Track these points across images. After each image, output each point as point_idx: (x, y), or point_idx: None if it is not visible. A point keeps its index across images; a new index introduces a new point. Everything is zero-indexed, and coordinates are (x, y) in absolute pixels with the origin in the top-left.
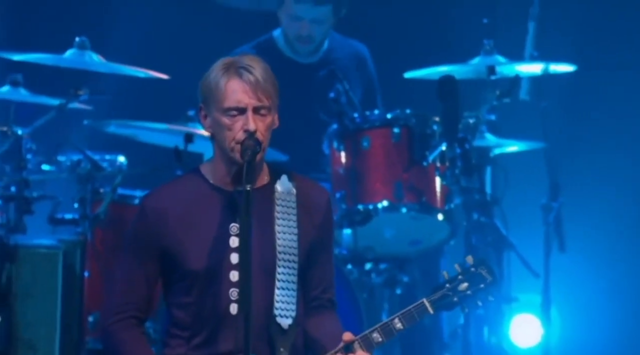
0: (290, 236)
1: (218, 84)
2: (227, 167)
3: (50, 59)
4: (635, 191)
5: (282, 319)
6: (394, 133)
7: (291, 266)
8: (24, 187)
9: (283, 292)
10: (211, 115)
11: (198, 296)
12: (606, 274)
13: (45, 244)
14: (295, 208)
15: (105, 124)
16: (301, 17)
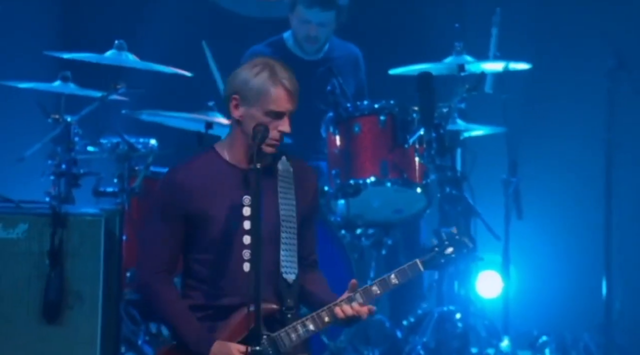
0: (290, 207)
1: (266, 89)
2: (246, 150)
3: (94, 58)
4: (581, 168)
5: (287, 275)
6: (381, 120)
7: (292, 231)
8: (72, 165)
9: (287, 253)
10: (247, 109)
11: (216, 255)
12: (556, 237)
13: (90, 212)
14: (292, 183)
15: (139, 113)
16: (310, 21)
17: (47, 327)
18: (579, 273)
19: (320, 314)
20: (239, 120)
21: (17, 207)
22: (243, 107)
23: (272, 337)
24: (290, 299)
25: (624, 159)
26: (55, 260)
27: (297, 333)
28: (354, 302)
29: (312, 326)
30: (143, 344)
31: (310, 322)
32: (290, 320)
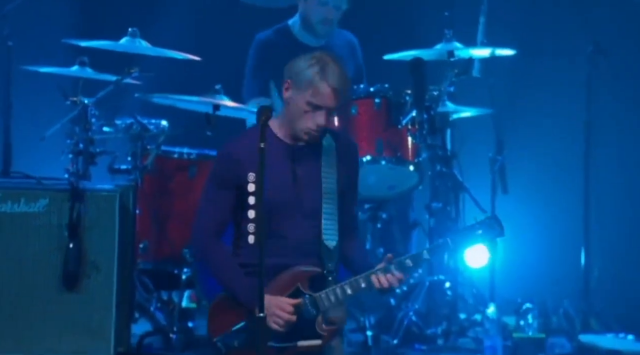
0: (332, 180)
1: (313, 81)
2: (294, 130)
3: (109, 45)
4: (562, 147)
5: (328, 242)
6: (376, 102)
7: (333, 202)
8: (89, 144)
9: (328, 222)
10: (294, 94)
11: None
12: (538, 210)
13: (105, 188)
14: (335, 158)
15: (151, 96)
16: (327, 3)
17: (67, 294)
18: (560, 244)
19: (358, 280)
20: (287, 101)
21: (38, 183)
22: (291, 91)
23: (313, 297)
24: (330, 263)
25: (601, 138)
26: (74, 232)
27: (336, 295)
28: (389, 273)
29: (349, 290)
30: (155, 310)
31: (348, 287)
32: (330, 282)
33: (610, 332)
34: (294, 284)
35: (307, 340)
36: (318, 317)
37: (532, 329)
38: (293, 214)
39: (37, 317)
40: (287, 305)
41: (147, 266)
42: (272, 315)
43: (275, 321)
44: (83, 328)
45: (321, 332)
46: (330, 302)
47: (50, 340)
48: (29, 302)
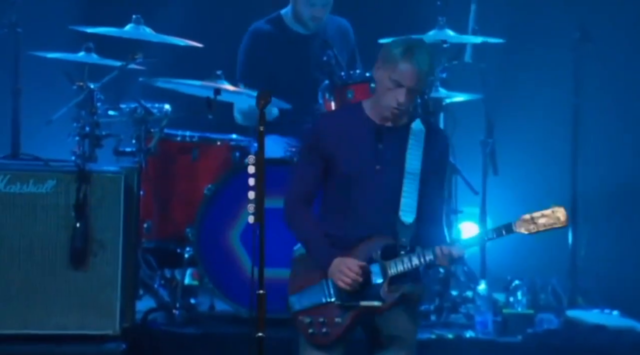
0: (416, 162)
1: (397, 59)
2: (380, 109)
3: (114, 32)
4: (551, 130)
5: (404, 218)
6: (371, 87)
7: (414, 182)
8: (95, 128)
9: (406, 200)
10: (381, 73)
11: (346, 193)
12: (527, 191)
13: (111, 170)
14: (422, 142)
15: (155, 81)
16: (316, 4)
17: (74, 271)
18: None
19: (425, 251)
20: (376, 80)
21: (46, 165)
22: (380, 70)
23: (383, 264)
24: (404, 237)
25: (588, 121)
26: (80, 212)
27: (403, 265)
28: (452, 248)
29: (416, 261)
30: (159, 287)
31: (415, 258)
32: (402, 254)
33: (595, 308)
34: (367, 252)
35: (369, 301)
36: (384, 283)
37: (521, 305)
38: (372, 188)
39: (45, 294)
40: (354, 266)
41: (151, 245)
42: (340, 273)
43: (342, 279)
44: (90, 304)
45: (384, 297)
46: (397, 270)
47: (58, 316)
48: (38, 279)
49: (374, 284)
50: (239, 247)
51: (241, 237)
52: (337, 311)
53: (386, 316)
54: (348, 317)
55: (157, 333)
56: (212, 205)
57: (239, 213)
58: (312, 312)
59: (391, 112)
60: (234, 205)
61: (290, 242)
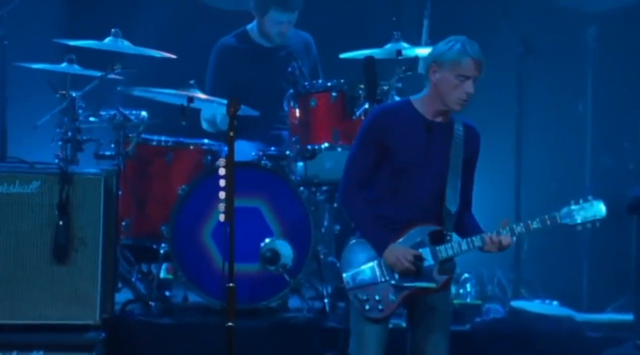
0: (459, 157)
1: (458, 57)
2: (435, 105)
3: (95, 44)
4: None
5: (450, 206)
6: (333, 96)
7: (457, 175)
8: (77, 133)
9: (450, 190)
10: (443, 74)
11: (397, 181)
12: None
13: (91, 172)
14: (463, 141)
15: (132, 89)
16: (282, 22)
17: (57, 266)
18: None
19: (473, 238)
20: (435, 83)
21: (31, 167)
22: (439, 73)
23: (434, 249)
24: (449, 224)
25: (530, 127)
26: (63, 211)
27: (453, 249)
28: (501, 236)
29: (465, 246)
30: (136, 280)
31: (465, 244)
32: (448, 240)
33: (537, 299)
34: (419, 237)
35: (423, 282)
36: (435, 266)
37: (470, 296)
38: (422, 176)
39: (30, 287)
40: (408, 255)
41: (129, 241)
42: (396, 259)
43: (397, 266)
44: (71, 296)
45: (436, 279)
46: (447, 255)
47: (42, 308)
48: (23, 273)
49: (425, 266)
50: (210, 244)
51: (212, 234)
52: (392, 290)
53: (436, 296)
54: (401, 296)
55: (135, 323)
56: (185, 204)
57: (211, 212)
58: (368, 289)
59: (461, 104)
60: (206, 204)
61: (257, 239)
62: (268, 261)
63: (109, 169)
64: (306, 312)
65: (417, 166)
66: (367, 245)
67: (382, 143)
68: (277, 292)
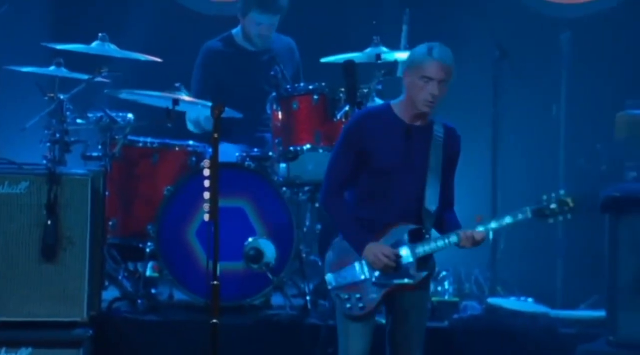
0: (438, 158)
1: (422, 59)
2: (410, 109)
3: (82, 48)
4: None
5: (429, 206)
6: (314, 98)
7: (436, 175)
8: (64, 134)
9: (430, 190)
10: (410, 77)
11: (376, 183)
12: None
13: (79, 172)
14: (442, 142)
15: (119, 92)
16: (262, 23)
17: (45, 265)
18: (471, 222)
19: (449, 235)
20: (407, 86)
21: (20, 168)
22: (409, 76)
23: (412, 246)
24: (428, 223)
25: (506, 129)
26: (51, 211)
27: (430, 246)
28: (474, 231)
29: (441, 243)
30: (122, 278)
31: (441, 241)
32: (426, 238)
33: (513, 296)
34: (396, 236)
35: (401, 279)
36: (414, 264)
37: (448, 294)
38: (401, 178)
39: (19, 285)
40: (388, 252)
41: (115, 241)
42: (375, 257)
43: (376, 263)
44: (60, 294)
45: (414, 275)
46: (424, 252)
47: (31, 305)
48: (12, 272)
49: (404, 264)
50: (195, 242)
51: (197, 233)
52: (372, 288)
53: (414, 292)
54: (381, 293)
55: (121, 320)
56: (171, 204)
57: (195, 211)
58: (349, 289)
59: (427, 105)
60: (191, 204)
61: (240, 238)
62: (251, 260)
63: (96, 169)
64: (289, 310)
65: (397, 169)
66: (348, 246)
67: (362, 146)
68: (261, 290)
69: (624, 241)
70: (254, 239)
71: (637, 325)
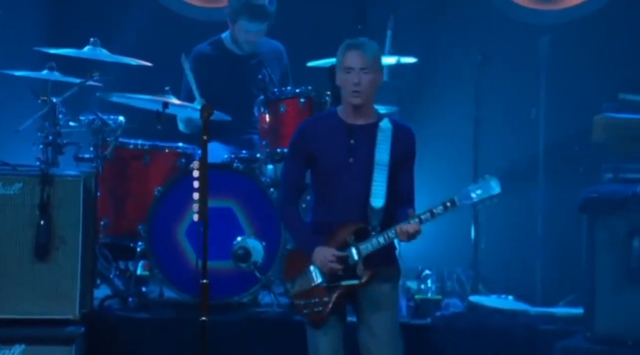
0: (385, 154)
1: (343, 52)
2: (348, 107)
3: (74, 52)
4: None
5: (374, 203)
6: (301, 102)
7: (383, 172)
8: (57, 137)
9: (377, 187)
10: (338, 73)
11: (326, 185)
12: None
13: (71, 174)
14: (390, 138)
15: (110, 95)
16: (251, 31)
17: (38, 264)
18: (454, 221)
19: (388, 231)
20: (340, 86)
21: (14, 170)
22: (338, 76)
23: (357, 246)
24: (375, 221)
25: (487, 129)
26: (44, 211)
27: (372, 244)
28: (409, 225)
29: (382, 240)
30: (114, 277)
31: (382, 237)
32: (370, 236)
33: (494, 294)
34: (343, 237)
35: (348, 281)
36: (359, 263)
37: (430, 292)
38: (347, 178)
39: (12, 283)
40: (330, 255)
41: (107, 240)
42: (321, 261)
43: (324, 267)
44: (52, 292)
45: (360, 275)
46: (368, 250)
47: (24, 303)
48: (6, 271)
49: (351, 264)
50: (184, 242)
51: (187, 233)
52: (325, 292)
53: (367, 290)
54: (334, 296)
55: (113, 317)
56: (161, 205)
57: (185, 212)
58: (305, 295)
59: (354, 96)
60: (181, 205)
61: (229, 238)
62: (240, 259)
63: (88, 171)
64: (276, 307)
65: (342, 169)
66: (302, 253)
67: (308, 152)
68: (248, 288)
69: (601, 241)
70: (243, 238)
71: (613, 321)
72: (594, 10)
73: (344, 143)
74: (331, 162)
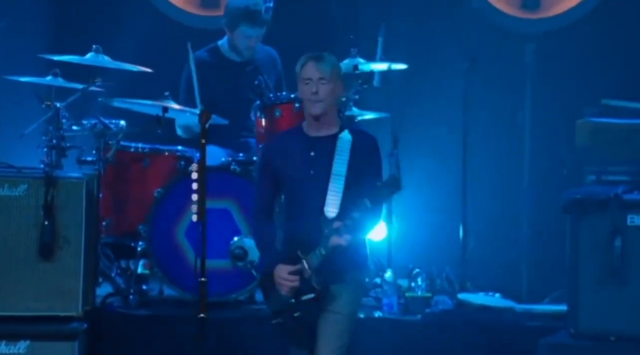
0: (342, 165)
1: (301, 65)
2: (309, 120)
3: (77, 59)
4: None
5: (329, 213)
6: (296, 106)
7: (339, 182)
8: (61, 140)
9: (331, 197)
10: (299, 86)
11: (292, 199)
12: (427, 195)
13: (74, 176)
14: (349, 150)
15: (112, 100)
16: (251, 36)
17: (42, 263)
18: (443, 221)
19: (327, 241)
20: (300, 96)
21: (19, 172)
22: (299, 88)
23: (307, 258)
24: (328, 230)
25: (475, 133)
26: (48, 212)
27: (316, 255)
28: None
29: (323, 251)
30: (115, 275)
31: (323, 248)
32: (317, 247)
33: (481, 292)
34: (295, 251)
35: (306, 295)
36: (313, 276)
37: (420, 290)
38: (307, 190)
39: (18, 282)
40: (285, 274)
41: (109, 240)
42: (279, 283)
43: (282, 287)
44: (56, 290)
45: (315, 287)
46: (317, 262)
47: (29, 301)
48: (11, 269)
49: (306, 278)
50: (184, 242)
51: (186, 233)
52: (293, 308)
53: (328, 300)
54: (302, 310)
55: (114, 314)
56: (161, 206)
57: (184, 212)
58: (280, 313)
59: (313, 106)
60: (180, 206)
61: (227, 237)
62: (237, 258)
63: (91, 173)
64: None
65: (304, 182)
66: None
67: (273, 167)
68: (245, 286)
69: (585, 240)
70: (239, 238)
71: (596, 318)
72: (578, 18)
73: (304, 156)
74: (293, 174)
